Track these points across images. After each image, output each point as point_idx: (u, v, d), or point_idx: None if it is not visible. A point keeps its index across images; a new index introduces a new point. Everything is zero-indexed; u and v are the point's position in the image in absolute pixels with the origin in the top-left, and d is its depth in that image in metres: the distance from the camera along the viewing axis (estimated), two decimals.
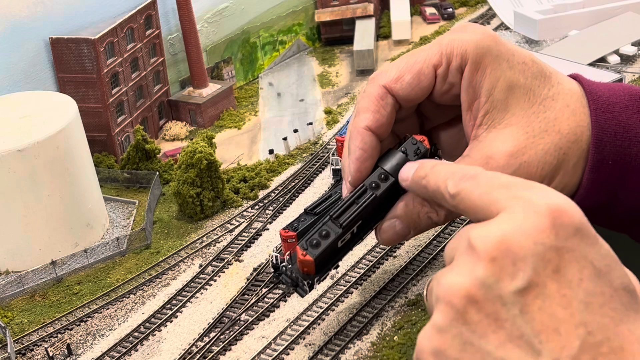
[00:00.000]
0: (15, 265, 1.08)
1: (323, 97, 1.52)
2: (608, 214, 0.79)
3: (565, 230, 0.53)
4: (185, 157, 1.14)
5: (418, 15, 1.81)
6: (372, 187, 0.76)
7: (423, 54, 0.76)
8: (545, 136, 0.74)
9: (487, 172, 0.60)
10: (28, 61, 1.28)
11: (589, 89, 0.76)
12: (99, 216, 1.16)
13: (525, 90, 0.74)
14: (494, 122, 0.74)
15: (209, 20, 1.54)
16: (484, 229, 0.54)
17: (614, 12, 1.56)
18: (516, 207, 0.55)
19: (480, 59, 0.74)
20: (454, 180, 0.61)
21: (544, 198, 0.54)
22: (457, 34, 0.76)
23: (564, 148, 0.74)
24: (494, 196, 0.57)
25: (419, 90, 0.76)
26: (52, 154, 1.06)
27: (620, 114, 0.74)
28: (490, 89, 0.74)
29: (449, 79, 0.76)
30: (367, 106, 0.76)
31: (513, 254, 0.53)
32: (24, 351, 0.95)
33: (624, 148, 0.74)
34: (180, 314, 0.99)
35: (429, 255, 1.00)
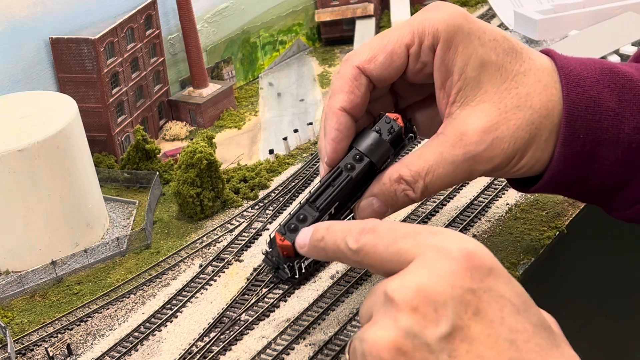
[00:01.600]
0: (15, 265, 1.08)
1: (323, 97, 1.52)
2: (581, 187, 0.81)
3: (479, 271, 0.54)
4: (185, 157, 1.14)
5: None
6: (347, 169, 0.76)
7: (395, 34, 0.77)
8: (517, 111, 0.75)
9: (386, 223, 0.61)
10: (28, 61, 1.28)
11: (561, 63, 0.77)
12: (99, 216, 1.16)
13: (497, 67, 0.75)
14: (467, 99, 0.75)
15: (209, 20, 1.54)
16: (400, 281, 0.55)
17: (614, 12, 1.56)
18: (427, 254, 0.55)
19: (452, 37, 0.75)
20: (352, 235, 0.61)
21: (454, 242, 0.55)
22: (428, 13, 0.77)
23: (536, 123, 0.75)
24: (401, 246, 0.57)
25: (392, 69, 0.77)
26: (52, 154, 1.06)
27: (591, 88, 0.75)
28: (463, 66, 0.75)
29: (422, 58, 0.77)
30: (341, 87, 0.77)
31: (433, 300, 0.53)
32: (24, 351, 0.95)
33: (595, 122, 0.75)
34: (180, 314, 0.99)
35: None
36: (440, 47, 0.76)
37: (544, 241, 0.99)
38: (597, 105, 0.76)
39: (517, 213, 1.06)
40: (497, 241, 1.01)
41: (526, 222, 1.04)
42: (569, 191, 0.83)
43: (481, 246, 0.56)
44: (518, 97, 0.75)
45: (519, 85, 0.76)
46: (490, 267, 0.54)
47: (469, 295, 0.53)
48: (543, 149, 0.76)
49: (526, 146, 0.76)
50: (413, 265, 0.55)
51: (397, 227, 0.59)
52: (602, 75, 0.77)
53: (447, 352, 0.52)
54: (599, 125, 0.76)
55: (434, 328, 0.52)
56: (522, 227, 1.03)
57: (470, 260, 0.54)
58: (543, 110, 0.75)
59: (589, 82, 0.76)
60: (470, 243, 0.55)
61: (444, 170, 0.75)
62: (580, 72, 0.77)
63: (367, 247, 0.60)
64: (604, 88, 0.77)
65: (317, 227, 0.69)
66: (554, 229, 1.01)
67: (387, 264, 0.58)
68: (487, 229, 1.04)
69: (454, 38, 0.75)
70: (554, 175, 0.78)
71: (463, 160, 0.75)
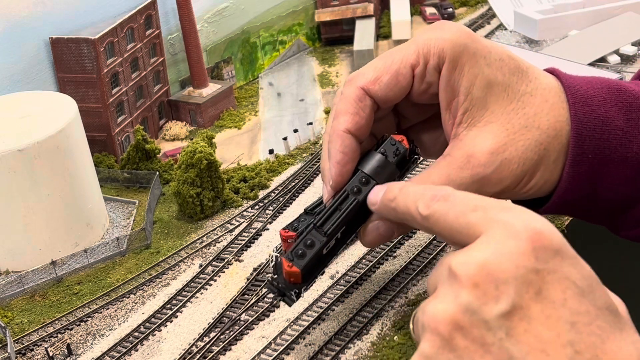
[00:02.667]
0: (15, 265, 1.08)
1: (323, 97, 1.52)
2: (588, 206, 0.81)
3: (545, 252, 0.53)
4: (185, 157, 1.14)
5: (418, 15, 1.81)
6: (354, 192, 0.76)
7: (400, 54, 0.76)
8: (525, 132, 0.74)
9: (459, 193, 0.60)
10: (28, 61, 1.28)
11: (567, 82, 0.76)
12: (99, 216, 1.16)
13: (503, 87, 0.75)
14: (474, 120, 0.75)
15: (209, 20, 1.54)
16: (465, 256, 0.55)
17: (614, 12, 1.56)
18: (495, 231, 0.55)
19: (458, 57, 0.74)
20: (424, 201, 0.61)
21: (522, 221, 0.55)
22: (433, 32, 0.76)
23: (544, 143, 0.74)
24: (470, 219, 0.57)
25: (397, 90, 0.76)
26: (52, 154, 1.06)
27: (599, 108, 0.75)
28: (469, 87, 0.74)
29: (427, 79, 0.76)
30: (346, 108, 0.76)
31: (495, 278, 0.53)
32: (24, 351, 0.95)
33: (603, 141, 0.75)
34: (180, 314, 0.99)
35: (429, 255, 1.00)
36: (445, 67, 0.75)
37: None
38: (605, 125, 0.75)
39: None
40: None
41: None
42: (576, 211, 0.82)
43: (550, 226, 0.55)
44: (525, 117, 0.75)
45: (526, 106, 0.75)
46: (557, 248, 0.54)
47: (532, 275, 0.53)
48: (552, 170, 0.76)
49: (535, 167, 0.75)
50: (480, 240, 0.55)
51: (470, 198, 0.59)
52: (609, 94, 0.77)
53: (505, 330, 0.52)
54: (607, 144, 0.75)
55: (494, 305, 0.52)
56: None
57: (538, 241, 0.54)
58: (551, 131, 0.75)
59: (596, 101, 0.76)
60: (540, 222, 0.55)
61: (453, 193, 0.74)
62: (587, 91, 0.76)
63: (437, 214, 0.60)
64: (612, 107, 0.76)
65: (390, 187, 0.69)
66: None
67: (456, 235, 0.58)
68: None
69: (460, 58, 0.74)
70: (562, 195, 0.78)
71: (471, 183, 0.75)
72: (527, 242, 0.53)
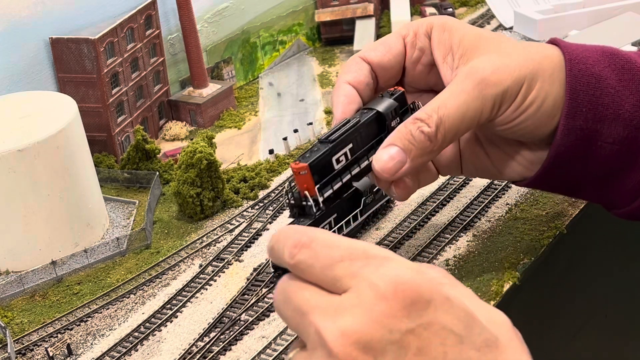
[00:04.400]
0: (15, 265, 1.08)
1: (323, 97, 1.52)
2: (583, 170, 0.82)
3: (416, 307, 0.52)
4: (185, 157, 1.14)
5: (418, 15, 1.80)
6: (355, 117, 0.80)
7: (393, 32, 0.86)
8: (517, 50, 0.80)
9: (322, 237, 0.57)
10: (28, 61, 1.28)
11: (563, 44, 0.82)
12: (99, 216, 1.16)
13: (492, 37, 0.82)
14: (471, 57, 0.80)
15: (209, 20, 1.54)
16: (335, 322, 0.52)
17: (614, 12, 1.56)
18: (362, 290, 0.53)
19: (445, 24, 0.83)
20: (288, 249, 0.58)
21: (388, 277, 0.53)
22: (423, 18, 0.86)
23: (537, 59, 0.80)
24: (336, 273, 0.55)
25: (391, 56, 0.84)
26: (52, 154, 1.06)
27: (592, 67, 0.79)
28: (460, 38, 0.81)
29: (418, 44, 0.84)
30: (347, 69, 0.84)
31: (370, 349, 0.51)
32: (24, 351, 0.95)
33: (596, 97, 0.79)
34: (180, 314, 0.99)
35: (430, 255, 1.00)
36: (435, 30, 0.83)
37: (544, 241, 0.99)
38: (598, 82, 0.79)
39: (517, 213, 1.06)
40: (497, 241, 1.01)
41: (526, 222, 1.04)
42: (570, 176, 0.83)
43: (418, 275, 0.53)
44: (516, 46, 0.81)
45: (516, 43, 0.82)
46: (428, 298, 0.52)
47: (408, 337, 0.51)
48: (550, 83, 0.79)
49: (532, 75, 0.78)
50: (348, 300, 0.53)
51: (334, 246, 0.56)
52: (603, 56, 0.81)
53: None
54: (600, 101, 0.79)
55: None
56: (522, 227, 1.03)
57: (406, 297, 0.52)
58: (541, 53, 0.81)
59: (590, 60, 0.80)
60: (406, 274, 0.53)
61: (456, 100, 0.77)
62: (582, 52, 0.81)
63: (303, 265, 0.56)
64: (605, 67, 0.80)
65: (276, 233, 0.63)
66: (554, 229, 1.01)
67: (324, 285, 0.55)
68: (487, 229, 1.04)
69: (447, 24, 0.83)
70: (559, 149, 0.80)
71: (472, 87, 0.77)
72: (395, 302, 0.52)
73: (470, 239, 1.02)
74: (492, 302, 0.91)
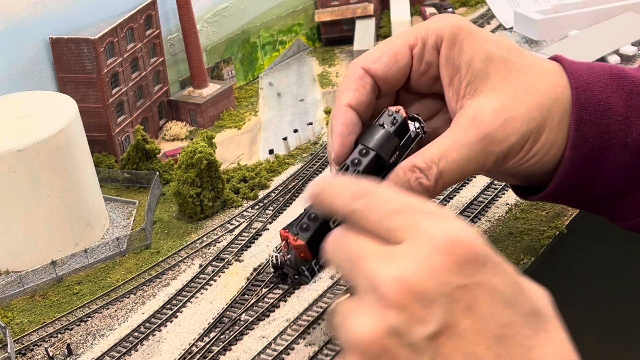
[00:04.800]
0: (15, 265, 1.08)
1: (323, 97, 1.52)
2: (587, 192, 0.81)
3: (471, 265, 0.53)
4: (185, 157, 1.14)
5: (418, 15, 1.81)
6: (354, 164, 0.75)
7: (400, 38, 0.79)
8: (527, 95, 0.76)
9: (382, 190, 0.58)
10: (28, 61, 1.28)
11: (569, 67, 0.78)
12: (99, 216, 1.16)
13: (502, 60, 0.77)
14: (477, 91, 0.76)
15: (209, 20, 1.54)
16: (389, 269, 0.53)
17: (614, 12, 1.56)
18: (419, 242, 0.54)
19: (455, 36, 0.77)
20: (344, 197, 0.58)
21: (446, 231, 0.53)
22: (431, 21, 0.80)
23: (546, 105, 0.76)
24: (393, 223, 0.55)
25: (397, 69, 0.78)
26: (52, 154, 1.06)
27: (599, 93, 0.76)
28: (469, 60, 0.76)
29: (426, 58, 0.78)
30: (347, 86, 0.78)
31: (422, 298, 0.52)
32: (24, 351, 0.95)
33: (603, 126, 0.76)
34: (180, 314, 0.99)
35: None
36: (444, 45, 0.77)
37: (544, 241, 0.99)
38: (606, 110, 0.76)
39: (517, 213, 1.06)
40: (497, 241, 1.01)
41: (526, 222, 1.04)
42: (575, 198, 0.83)
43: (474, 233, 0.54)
44: (526, 84, 0.76)
45: (526, 75, 0.77)
46: (483, 259, 0.53)
47: (459, 291, 0.52)
48: (557, 133, 0.77)
49: (539, 128, 0.76)
50: (404, 250, 0.53)
51: (392, 198, 0.56)
52: (611, 80, 0.78)
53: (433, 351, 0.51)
54: (607, 129, 0.76)
55: (422, 327, 0.51)
56: (522, 227, 1.03)
57: (463, 254, 0.52)
58: (552, 94, 0.76)
59: (597, 86, 0.77)
60: (463, 231, 0.54)
61: (458, 154, 0.74)
62: (589, 76, 0.78)
63: (359, 214, 0.57)
64: (612, 93, 0.77)
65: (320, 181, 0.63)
66: (554, 229, 1.01)
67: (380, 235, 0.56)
68: (487, 229, 1.04)
69: (457, 36, 0.77)
70: (563, 178, 0.78)
71: (476, 142, 0.74)
72: (452, 257, 0.52)
73: None
74: None
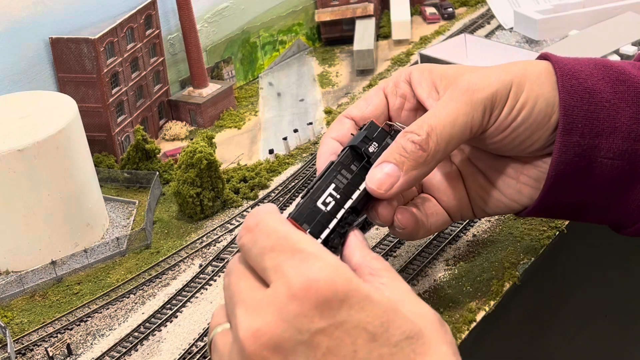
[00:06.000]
0: (15, 265, 1.08)
1: (323, 97, 1.52)
2: (585, 185, 0.81)
3: (329, 306, 0.52)
4: (185, 157, 1.14)
5: (418, 15, 1.81)
6: (332, 162, 0.78)
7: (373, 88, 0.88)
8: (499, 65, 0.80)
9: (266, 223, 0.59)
10: (28, 61, 1.28)
11: (555, 59, 0.80)
12: (99, 216, 1.16)
13: (473, 66, 0.82)
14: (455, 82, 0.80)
15: (209, 20, 1.54)
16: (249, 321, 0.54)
17: (614, 12, 1.56)
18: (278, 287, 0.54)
19: (423, 67, 0.83)
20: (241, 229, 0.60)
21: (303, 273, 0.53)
22: None
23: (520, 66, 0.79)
24: (264, 263, 0.57)
25: (372, 108, 0.83)
26: (52, 154, 1.06)
27: (585, 81, 0.78)
28: (441, 74, 0.81)
29: (399, 92, 0.83)
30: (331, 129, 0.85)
31: (279, 349, 0.52)
32: (24, 351, 0.95)
33: (591, 112, 0.77)
34: (180, 314, 0.99)
35: (429, 255, 1.00)
36: (414, 75, 0.82)
37: (544, 241, 0.99)
38: (592, 96, 0.78)
39: None
40: (497, 241, 1.01)
41: (526, 222, 1.04)
42: (573, 198, 0.83)
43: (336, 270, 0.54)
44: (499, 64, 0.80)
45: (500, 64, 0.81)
46: (342, 297, 0.53)
47: (318, 336, 0.52)
48: (539, 84, 0.78)
49: (519, 79, 0.77)
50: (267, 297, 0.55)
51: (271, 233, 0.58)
52: (596, 69, 0.80)
53: None
54: (595, 115, 0.77)
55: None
56: (522, 227, 1.03)
57: (319, 296, 0.52)
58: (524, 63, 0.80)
59: (583, 75, 0.79)
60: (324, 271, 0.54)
61: (445, 108, 0.76)
62: (575, 66, 0.80)
63: (244, 249, 0.59)
64: (598, 80, 0.79)
65: None
66: (554, 229, 1.01)
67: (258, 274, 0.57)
68: (487, 229, 1.04)
69: (425, 66, 0.82)
70: (558, 167, 0.79)
71: (460, 94, 0.76)
72: (308, 302, 0.52)
73: (470, 239, 1.03)
74: (492, 302, 0.91)
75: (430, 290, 0.94)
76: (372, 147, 0.79)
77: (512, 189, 0.85)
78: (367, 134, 0.80)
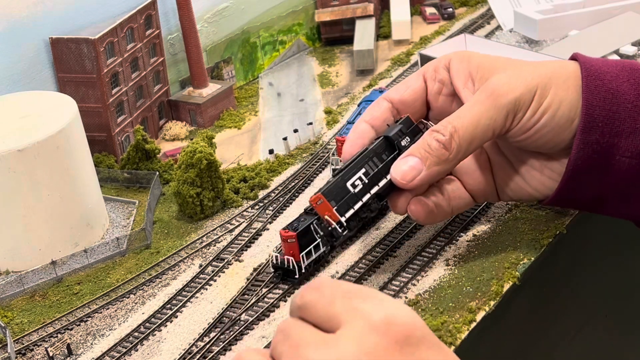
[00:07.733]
0: (15, 265, 1.08)
1: (323, 97, 1.52)
2: (602, 180, 0.82)
3: (408, 343, 0.53)
4: (185, 157, 1.14)
5: (418, 15, 1.81)
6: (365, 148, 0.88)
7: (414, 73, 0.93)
8: (531, 64, 0.84)
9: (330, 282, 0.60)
10: (28, 61, 1.28)
11: (582, 59, 0.83)
12: (99, 216, 1.16)
13: (509, 58, 0.87)
14: (489, 78, 0.84)
15: (209, 20, 1.54)
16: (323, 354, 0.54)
17: (614, 12, 1.56)
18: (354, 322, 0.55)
19: (462, 55, 0.88)
20: (299, 292, 0.61)
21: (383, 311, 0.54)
22: None
23: (550, 68, 0.83)
24: (335, 309, 0.57)
25: (411, 91, 0.89)
26: (52, 154, 1.06)
27: (610, 82, 0.81)
28: (478, 64, 0.85)
29: (438, 77, 0.88)
30: (368, 111, 0.91)
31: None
32: (24, 351, 0.95)
33: (613, 112, 0.80)
34: (180, 314, 0.99)
35: (430, 255, 1.00)
36: (453, 62, 0.87)
37: (544, 241, 0.99)
38: (615, 97, 0.80)
39: (517, 213, 1.06)
40: (497, 241, 1.01)
41: (526, 222, 1.04)
42: (591, 192, 0.84)
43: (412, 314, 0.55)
44: (531, 62, 0.84)
45: (534, 61, 0.85)
46: (420, 336, 0.54)
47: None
48: (564, 89, 0.80)
49: (545, 83, 0.80)
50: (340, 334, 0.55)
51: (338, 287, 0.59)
52: (622, 71, 0.82)
53: None
54: (616, 115, 0.80)
55: None
56: (522, 227, 1.03)
57: (402, 332, 0.53)
58: (555, 64, 0.83)
59: (608, 76, 0.81)
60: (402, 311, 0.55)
61: (469, 111, 0.81)
62: (601, 67, 0.82)
63: (309, 305, 0.59)
64: (623, 82, 0.81)
65: None
66: (554, 229, 1.01)
67: (324, 325, 0.57)
68: (487, 229, 1.04)
69: (464, 55, 0.87)
70: (575, 161, 0.81)
71: (485, 98, 0.81)
72: (389, 336, 0.53)
73: (470, 239, 1.02)
74: (492, 302, 0.91)
75: (430, 290, 0.94)
76: (405, 140, 0.87)
77: (536, 181, 0.89)
78: (402, 127, 0.87)
